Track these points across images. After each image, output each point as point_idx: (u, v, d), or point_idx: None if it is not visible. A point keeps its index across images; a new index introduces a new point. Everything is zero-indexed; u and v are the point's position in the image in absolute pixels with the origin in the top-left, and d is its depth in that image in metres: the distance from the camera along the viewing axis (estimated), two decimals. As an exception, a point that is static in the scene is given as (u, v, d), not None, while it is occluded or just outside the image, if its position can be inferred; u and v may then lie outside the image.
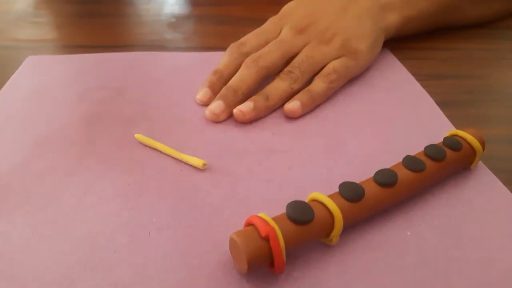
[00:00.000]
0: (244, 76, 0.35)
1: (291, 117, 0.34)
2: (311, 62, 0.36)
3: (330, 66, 0.37)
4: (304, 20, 0.39)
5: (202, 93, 0.36)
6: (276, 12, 0.42)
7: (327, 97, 0.36)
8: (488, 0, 0.50)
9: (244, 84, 0.35)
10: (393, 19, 0.43)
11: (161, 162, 0.29)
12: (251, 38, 0.39)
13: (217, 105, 0.34)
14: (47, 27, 0.51)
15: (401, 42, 0.45)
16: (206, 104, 0.35)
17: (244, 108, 0.33)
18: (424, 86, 0.38)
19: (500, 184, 0.28)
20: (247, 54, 0.37)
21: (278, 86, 0.35)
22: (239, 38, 0.39)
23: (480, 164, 0.29)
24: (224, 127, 0.33)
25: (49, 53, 0.44)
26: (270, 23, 0.41)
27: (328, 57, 0.37)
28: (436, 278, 0.22)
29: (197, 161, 0.29)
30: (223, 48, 0.39)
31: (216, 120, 0.34)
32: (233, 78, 0.36)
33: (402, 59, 0.43)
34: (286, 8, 0.42)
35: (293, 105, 0.34)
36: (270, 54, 0.36)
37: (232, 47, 0.39)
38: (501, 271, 0.23)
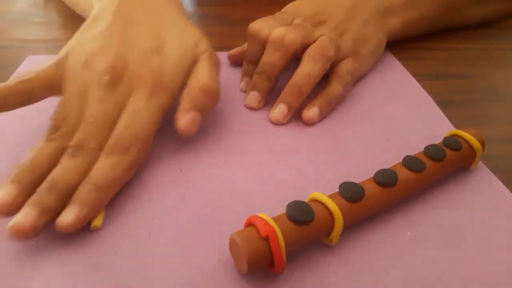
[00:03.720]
0: (273, 59, 0.34)
1: (309, 124, 0.34)
2: (336, 46, 0.35)
3: (343, 67, 0.36)
4: (315, 18, 0.38)
5: (243, 83, 0.37)
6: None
7: (342, 99, 0.36)
8: (488, 2, 0.50)
9: (275, 68, 0.34)
10: (394, 22, 0.42)
11: (161, 162, 0.29)
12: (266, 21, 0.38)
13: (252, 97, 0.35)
14: (47, 27, 0.51)
15: (401, 42, 0.45)
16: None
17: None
18: (424, 86, 0.38)
19: (500, 184, 0.28)
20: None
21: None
22: (239, 38, 0.39)
23: (480, 164, 0.30)
24: (224, 127, 0.33)
25: (49, 53, 0.44)
26: (278, 17, 0.39)
27: (342, 51, 0.36)
28: (436, 277, 0.22)
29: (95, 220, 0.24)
30: (223, 48, 0.39)
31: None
32: (262, 62, 0.35)
33: (402, 59, 0.43)
34: (289, 7, 0.40)
35: (312, 113, 0.33)
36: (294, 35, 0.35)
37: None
38: (501, 271, 0.23)
